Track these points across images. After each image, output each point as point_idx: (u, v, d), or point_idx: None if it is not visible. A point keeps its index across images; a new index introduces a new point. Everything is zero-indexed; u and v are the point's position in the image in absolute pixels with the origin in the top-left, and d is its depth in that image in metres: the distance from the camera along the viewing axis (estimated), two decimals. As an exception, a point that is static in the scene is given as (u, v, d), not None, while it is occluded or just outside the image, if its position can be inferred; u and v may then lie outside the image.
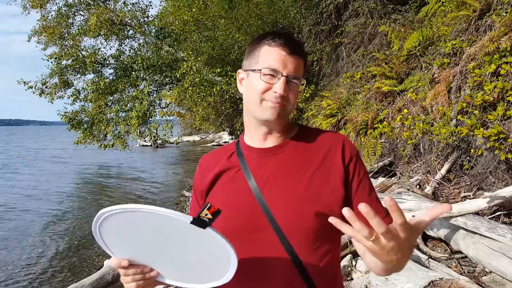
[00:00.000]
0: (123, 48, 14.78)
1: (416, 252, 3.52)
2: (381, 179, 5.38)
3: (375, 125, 6.56)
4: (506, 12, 4.72)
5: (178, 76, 11.89)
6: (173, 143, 21.45)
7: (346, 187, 0.98)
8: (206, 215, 0.76)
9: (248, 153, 1.05)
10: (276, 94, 0.96)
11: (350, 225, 0.72)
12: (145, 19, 14.72)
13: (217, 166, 1.07)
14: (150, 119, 13.44)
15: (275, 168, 1.01)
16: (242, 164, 1.03)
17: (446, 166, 4.94)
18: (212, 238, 0.79)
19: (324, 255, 0.97)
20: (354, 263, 3.40)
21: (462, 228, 3.40)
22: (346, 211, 0.69)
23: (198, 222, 0.76)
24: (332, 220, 0.72)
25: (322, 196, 0.96)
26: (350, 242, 3.48)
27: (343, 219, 0.98)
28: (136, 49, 14.95)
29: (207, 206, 0.76)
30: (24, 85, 13.28)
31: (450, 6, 6.03)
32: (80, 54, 13.63)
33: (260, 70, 0.97)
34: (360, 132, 6.93)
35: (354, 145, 1.05)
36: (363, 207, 0.68)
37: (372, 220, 0.69)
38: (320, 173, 0.98)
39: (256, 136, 1.05)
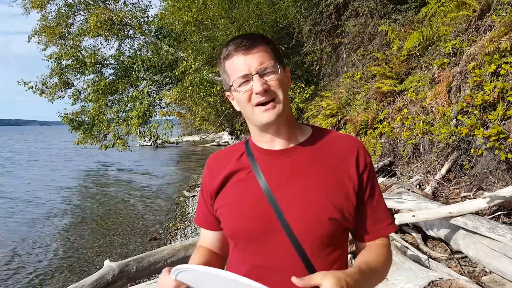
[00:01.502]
0: (123, 48, 14.80)
1: (416, 252, 3.52)
2: (381, 179, 5.38)
3: (375, 125, 6.56)
4: (506, 12, 4.71)
5: (177, 74, 11.89)
6: (173, 143, 21.45)
7: (358, 195, 0.99)
8: None
9: (259, 154, 1.03)
10: (258, 95, 0.95)
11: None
12: (145, 19, 14.73)
13: (227, 167, 1.05)
14: (150, 119, 13.45)
15: (288, 170, 0.99)
16: (253, 165, 1.01)
17: (446, 166, 4.94)
18: None
19: (335, 261, 0.98)
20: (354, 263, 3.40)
21: (462, 228, 3.40)
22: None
23: None
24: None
25: (335, 202, 0.95)
26: (350, 242, 3.49)
27: (351, 224, 0.99)
28: (136, 49, 14.96)
29: None
30: (24, 86, 13.31)
31: (450, 6, 6.02)
32: (80, 54, 13.63)
33: (232, 85, 0.98)
34: (360, 132, 6.94)
35: (368, 151, 1.04)
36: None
37: None
38: (334, 178, 0.98)
39: (264, 139, 1.03)
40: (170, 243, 5.55)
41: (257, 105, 0.96)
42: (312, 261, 0.94)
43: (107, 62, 14.46)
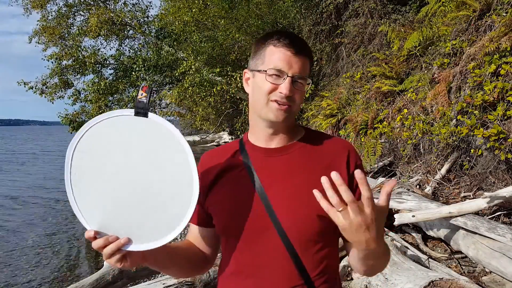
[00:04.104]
0: (123, 48, 14.79)
1: (416, 252, 3.52)
2: (381, 179, 5.38)
3: (375, 125, 6.56)
4: (506, 12, 4.71)
5: (177, 75, 11.89)
6: (173, 143, 21.37)
7: None
8: (141, 95, 0.78)
9: (253, 152, 1.05)
10: (282, 95, 0.95)
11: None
12: (145, 19, 14.72)
13: (220, 164, 1.06)
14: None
15: (281, 169, 1.01)
16: (247, 163, 1.03)
17: (446, 166, 4.94)
18: (157, 127, 0.80)
19: (324, 258, 0.98)
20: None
21: (462, 228, 3.40)
22: (333, 175, 0.78)
23: (139, 109, 0.77)
24: (315, 192, 0.80)
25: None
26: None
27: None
28: (136, 49, 14.94)
29: (140, 87, 0.78)
30: (25, 86, 13.29)
31: (450, 6, 6.03)
32: (80, 55, 13.63)
33: (266, 70, 0.97)
34: (360, 132, 6.93)
35: (358, 154, 1.06)
36: (333, 175, 0.77)
37: (341, 187, 0.77)
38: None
39: (261, 136, 1.05)
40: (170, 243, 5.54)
41: (274, 101, 0.97)
42: (301, 258, 0.95)
43: (107, 62, 14.45)
